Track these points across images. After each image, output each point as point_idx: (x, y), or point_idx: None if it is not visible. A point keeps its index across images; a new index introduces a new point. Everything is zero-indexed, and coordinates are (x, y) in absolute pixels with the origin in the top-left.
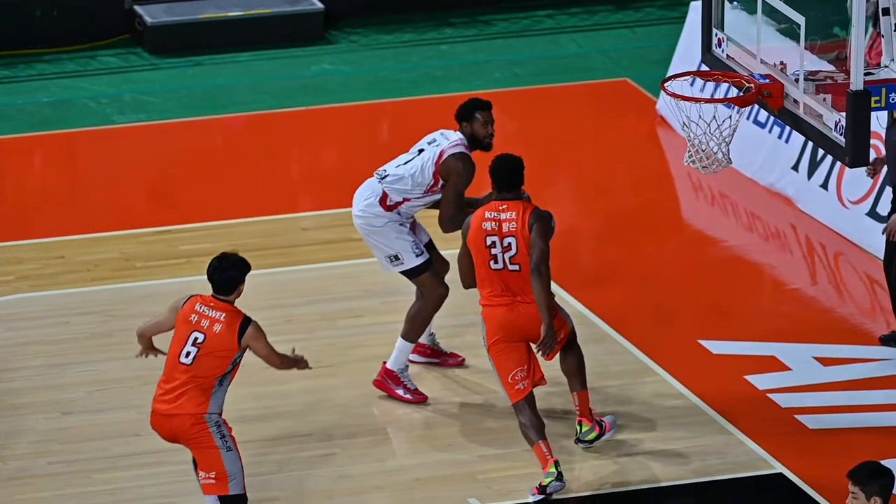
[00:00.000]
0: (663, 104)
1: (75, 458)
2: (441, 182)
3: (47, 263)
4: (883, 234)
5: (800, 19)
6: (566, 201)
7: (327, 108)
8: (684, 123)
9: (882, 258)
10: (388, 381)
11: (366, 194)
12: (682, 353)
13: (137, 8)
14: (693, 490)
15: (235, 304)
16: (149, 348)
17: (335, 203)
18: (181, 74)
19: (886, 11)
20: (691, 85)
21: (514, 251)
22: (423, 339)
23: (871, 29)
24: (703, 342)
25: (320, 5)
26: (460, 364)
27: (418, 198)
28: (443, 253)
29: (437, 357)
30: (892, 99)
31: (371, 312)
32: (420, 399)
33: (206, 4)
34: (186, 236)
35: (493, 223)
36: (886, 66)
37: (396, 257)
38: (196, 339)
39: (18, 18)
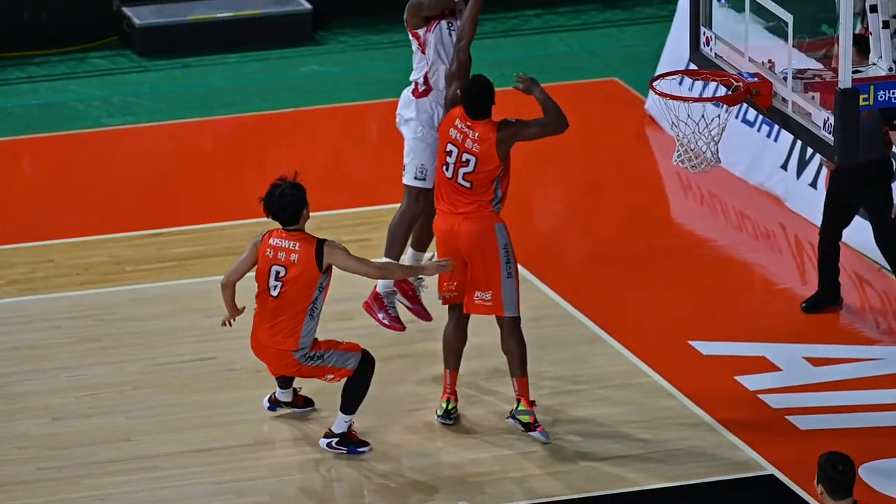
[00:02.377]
0: (652, 103)
1: (66, 463)
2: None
3: (37, 267)
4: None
5: (787, 17)
6: (555, 201)
7: (317, 109)
8: (673, 123)
9: (870, 256)
10: (374, 305)
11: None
12: (673, 353)
13: (125, 10)
14: (685, 492)
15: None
16: (231, 305)
17: (326, 205)
18: (170, 76)
19: (874, 8)
20: (680, 84)
21: (470, 168)
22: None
23: (859, 26)
24: (693, 343)
25: (308, 6)
26: (424, 320)
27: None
28: None
29: (413, 302)
30: (881, 96)
31: (362, 315)
32: (398, 328)
33: (194, 6)
34: (177, 239)
35: (459, 134)
36: (874, 64)
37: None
38: (278, 272)
39: (6, 21)
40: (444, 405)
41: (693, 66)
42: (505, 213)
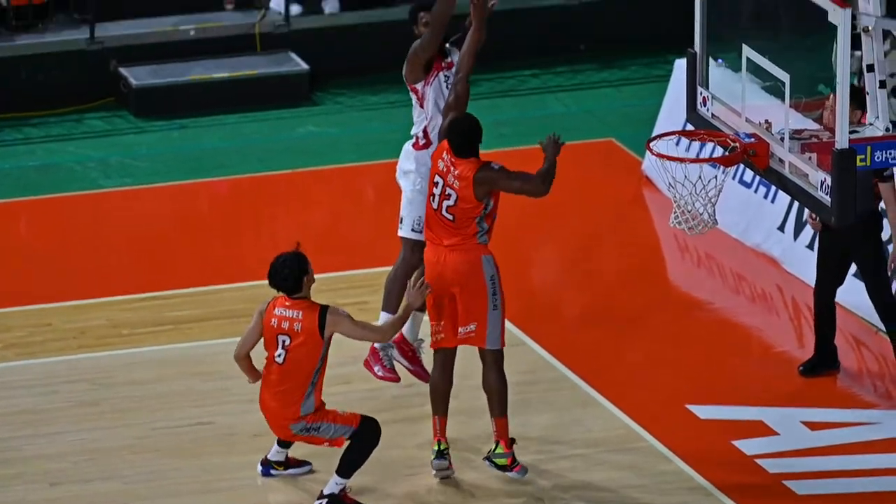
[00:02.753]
0: (649, 164)
1: None
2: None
3: (35, 331)
4: (805, 220)
5: (784, 77)
6: (552, 262)
7: (314, 170)
8: (670, 183)
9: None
10: (371, 359)
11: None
12: (670, 417)
13: (122, 70)
14: None
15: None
16: (250, 371)
17: (323, 267)
18: (167, 137)
19: (871, 68)
20: (677, 144)
21: (451, 202)
22: (408, 336)
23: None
24: (690, 406)
25: (305, 66)
26: (424, 381)
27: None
28: None
29: (413, 363)
30: (878, 157)
31: (359, 378)
32: (393, 379)
33: (191, 66)
34: (173, 302)
35: (445, 167)
36: (871, 124)
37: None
38: (283, 341)
39: (3, 81)
40: (436, 447)
41: (690, 127)
42: (501, 270)
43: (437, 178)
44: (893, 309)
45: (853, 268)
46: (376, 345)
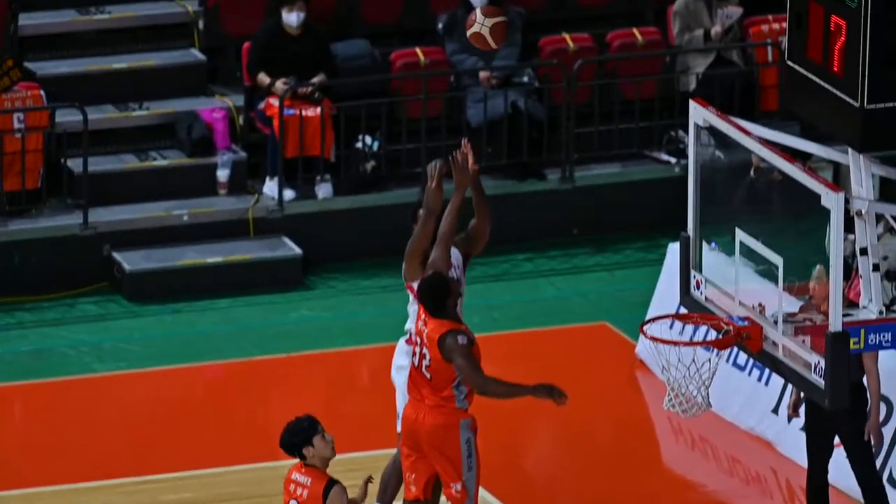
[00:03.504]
0: (643, 347)
1: None
2: None
3: None
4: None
5: (778, 261)
6: (546, 446)
7: (308, 354)
8: (664, 367)
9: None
10: None
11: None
12: None
13: (116, 255)
14: None
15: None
16: None
17: None
18: (161, 322)
19: (864, 251)
20: (670, 328)
21: (427, 362)
22: None
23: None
24: None
25: (299, 251)
26: None
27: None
28: None
29: None
30: (871, 340)
31: None
32: None
33: (184, 251)
34: (168, 486)
35: (422, 324)
36: (865, 307)
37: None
38: None
39: None
40: None
41: (684, 310)
42: (494, 453)
43: (416, 337)
44: (879, 494)
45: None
46: None
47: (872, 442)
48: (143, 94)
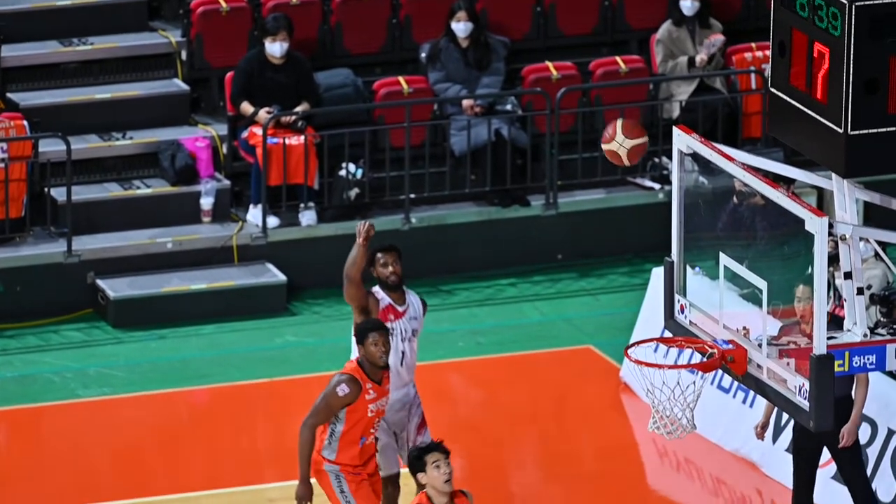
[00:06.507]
0: (627, 371)
1: None
2: None
3: None
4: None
5: (762, 284)
6: (531, 469)
7: (292, 379)
8: (648, 390)
9: None
10: None
11: None
12: None
13: (100, 282)
14: None
15: None
16: None
17: None
18: (145, 347)
19: (849, 275)
20: (655, 351)
21: None
22: None
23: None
24: None
25: (283, 277)
26: None
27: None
28: None
29: None
30: (856, 362)
31: None
32: None
33: (168, 277)
34: None
35: None
36: (849, 330)
37: None
38: None
39: None
40: None
41: (668, 334)
42: (478, 480)
43: None
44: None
45: (831, 469)
46: None
47: (843, 441)
48: (127, 124)
